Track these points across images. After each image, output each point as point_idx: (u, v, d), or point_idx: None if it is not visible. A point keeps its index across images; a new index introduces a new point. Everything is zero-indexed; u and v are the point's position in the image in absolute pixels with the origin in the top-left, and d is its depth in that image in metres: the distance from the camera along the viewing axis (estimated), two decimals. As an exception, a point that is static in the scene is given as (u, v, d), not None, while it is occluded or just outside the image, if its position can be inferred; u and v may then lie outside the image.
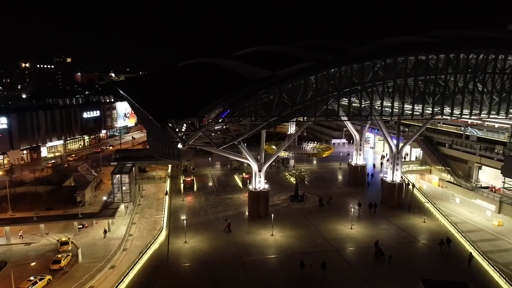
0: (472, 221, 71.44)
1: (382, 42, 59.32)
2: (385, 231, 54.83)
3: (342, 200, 67.48)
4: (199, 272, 42.98)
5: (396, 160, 63.64)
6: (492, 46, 53.57)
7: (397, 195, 64.52)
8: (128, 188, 69.01)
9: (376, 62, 50.94)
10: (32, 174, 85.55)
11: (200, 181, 79.77)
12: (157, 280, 41.13)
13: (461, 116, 59.92)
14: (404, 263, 45.54)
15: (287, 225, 56.24)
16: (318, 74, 49.74)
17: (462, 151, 78.66)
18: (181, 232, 52.80)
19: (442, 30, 70.22)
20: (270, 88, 47.81)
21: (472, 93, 55.60)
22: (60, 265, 48.70)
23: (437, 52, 52.38)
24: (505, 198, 66.12)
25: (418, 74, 53.91)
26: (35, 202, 67.02)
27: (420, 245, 50.81)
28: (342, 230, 54.65)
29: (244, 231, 54.09)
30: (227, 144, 50.08)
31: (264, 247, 49.38)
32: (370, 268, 44.24)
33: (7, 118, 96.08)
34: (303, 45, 72.37)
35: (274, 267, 44.78)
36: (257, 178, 58.48)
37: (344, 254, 47.69)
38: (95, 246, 56.08)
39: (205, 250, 48.27)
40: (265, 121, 49.89)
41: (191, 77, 63.05)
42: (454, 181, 77.92)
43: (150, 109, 51.37)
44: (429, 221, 58.39)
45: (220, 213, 61.45)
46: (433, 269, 44.16)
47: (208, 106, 47.84)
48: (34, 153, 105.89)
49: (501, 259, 56.22)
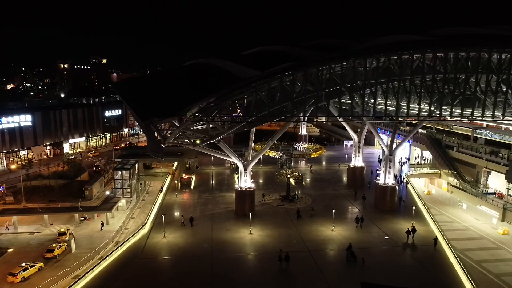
0: (475, 229, 68.15)
1: (379, 40, 58.25)
2: (367, 234, 53.83)
3: (335, 202, 66.71)
4: (165, 266, 44.82)
5: (389, 162, 62.02)
6: (485, 43, 50.98)
7: (389, 198, 62.88)
8: (129, 184, 72.40)
9: (357, 62, 50.10)
10: (50, 168, 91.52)
11: (200, 179, 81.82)
12: (126, 271, 43.21)
13: (450, 117, 57.39)
14: (376, 268, 44.60)
15: (269, 224, 56.72)
16: (296, 74, 49.77)
17: (469, 154, 75.21)
18: (168, 227, 54.98)
19: (448, 28, 67.50)
20: (244, 88, 48.56)
21: (463, 92, 53.19)
22: (54, 254, 51.65)
23: (421, 51, 50.63)
24: (509, 205, 62.55)
25: (405, 74, 52.37)
26: (48, 194, 71.62)
27: (399, 250, 49.48)
28: (323, 232, 54.30)
29: (225, 228, 55.22)
30: (205, 143, 51.39)
31: (239, 244, 50.25)
32: (337, 271, 43.83)
33: (31, 116, 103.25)
34: (308, 45, 72.40)
35: (241, 264, 45.53)
36: (243, 177, 59.36)
37: (316, 255, 47.45)
38: (91, 237, 59.11)
39: (181, 245, 49.93)
40: (244, 121, 50.66)
41: (186, 77, 65.05)
42: (460, 186, 74.62)
43: (135, 108, 53.79)
44: (419, 226, 56.44)
45: (208, 210, 63.05)
46: (402, 275, 43.02)
47: (188, 107, 49.42)
48: (57, 149, 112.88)
49: (495, 269, 53.51)
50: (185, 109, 49.24)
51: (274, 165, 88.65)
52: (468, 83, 54.30)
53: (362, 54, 49.80)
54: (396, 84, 54.35)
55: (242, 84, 48.27)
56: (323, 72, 51.10)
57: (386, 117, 59.44)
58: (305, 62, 49.79)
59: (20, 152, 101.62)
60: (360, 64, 51.40)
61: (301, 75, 50.86)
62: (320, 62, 49.47)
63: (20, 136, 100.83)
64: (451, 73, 52.27)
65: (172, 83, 61.89)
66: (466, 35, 57.00)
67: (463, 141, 77.66)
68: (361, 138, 73.50)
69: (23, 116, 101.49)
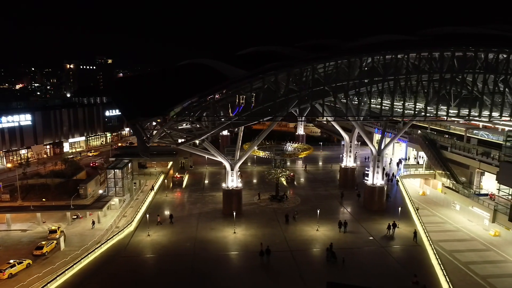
0: (467, 230, 67.70)
1: (364, 40, 58.15)
2: (352, 234, 53.66)
3: (324, 203, 66.60)
4: (145, 263, 45.34)
5: (377, 162, 61.74)
6: (470, 43, 50.50)
7: (377, 198, 62.60)
8: (121, 183, 73.30)
9: (339, 62, 50.00)
10: (47, 167, 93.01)
11: (193, 178, 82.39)
12: (106, 269, 43.81)
13: (446, 117, 56.97)
14: (355, 268, 44.47)
15: (255, 224, 56.92)
16: (278, 75, 49.90)
17: (462, 155, 74.51)
18: (151, 226, 55.56)
19: (440, 28, 66.94)
20: (225, 89, 48.86)
21: (450, 93, 52.76)
22: (42, 251, 52.62)
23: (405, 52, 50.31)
24: (500, 207, 61.91)
25: (390, 74, 52.13)
26: (44, 193, 72.86)
27: (382, 251, 49.21)
28: (307, 232, 54.29)
29: (210, 227, 55.57)
30: (188, 142, 51.79)
31: (222, 243, 50.54)
32: (315, 270, 43.78)
33: (31, 115, 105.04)
34: (304, 45, 72.43)
35: (221, 263, 45.69)
36: (230, 176, 59.66)
37: (297, 255, 47.50)
38: (82, 235, 60.09)
39: (164, 243, 50.42)
40: (227, 121, 50.97)
41: (176, 77, 65.54)
42: (453, 186, 74.01)
43: (122, 108, 54.43)
44: (405, 227, 56.14)
45: (196, 209, 63.52)
46: (380, 275, 42.79)
47: (172, 107, 49.87)
48: (57, 148, 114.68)
49: (482, 271, 53.23)
50: (169, 109, 49.73)
51: (269, 164, 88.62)
52: (462, 83, 53.83)
53: (345, 54, 49.69)
54: (385, 84, 54.28)
55: (224, 84, 48.56)
56: (308, 72, 51.11)
57: (377, 117, 59.26)
58: (288, 62, 49.84)
59: (20, 151, 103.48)
60: (345, 65, 51.32)
61: (285, 75, 50.95)
62: (303, 62, 49.50)
63: (20, 135, 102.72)
64: (437, 72, 51.85)
65: (162, 83, 62.34)
66: (452, 35, 56.57)
67: (456, 142, 76.95)
68: (352, 138, 73.18)
69: (23, 116, 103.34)
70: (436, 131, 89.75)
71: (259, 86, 51.16)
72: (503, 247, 60.44)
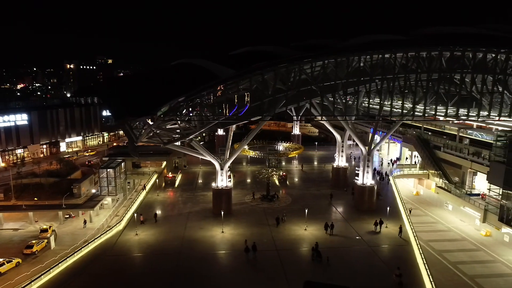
0: (458, 230, 67.67)
1: (356, 40, 58.13)
2: (340, 234, 53.59)
3: (315, 202, 66.65)
4: (131, 262, 45.54)
5: (367, 162, 61.71)
6: (457, 43, 50.44)
7: (367, 198, 62.56)
8: (114, 182, 73.57)
9: (326, 62, 50.05)
10: (41, 167, 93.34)
11: (186, 178, 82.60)
12: (91, 267, 44.04)
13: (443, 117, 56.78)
14: (340, 267, 44.49)
15: (243, 223, 57.03)
16: (266, 75, 50.00)
17: (455, 155, 74.42)
18: (139, 225, 55.86)
19: (431, 27, 66.88)
20: (211, 89, 48.99)
21: (437, 92, 52.68)
22: (32, 250, 52.70)
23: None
24: (490, 207, 61.83)
25: (376, 74, 52.14)
26: (38, 192, 73.20)
27: (368, 250, 49.20)
28: (295, 231, 54.35)
29: (199, 227, 55.73)
30: (175, 142, 51.92)
31: (209, 243, 50.69)
32: (300, 269, 43.79)
33: (28, 115, 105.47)
34: (299, 45, 72.50)
35: (205, 262, 45.71)
36: (219, 176, 59.78)
37: (283, 254, 47.57)
38: (74, 234, 60.23)
39: (151, 242, 50.62)
40: (214, 120, 51.11)
41: (166, 77, 65.73)
42: (445, 186, 73.97)
43: (111, 107, 54.62)
44: (394, 226, 56.04)
45: (186, 208, 63.71)
46: (365, 274, 42.81)
47: (159, 107, 50.04)
48: (54, 148, 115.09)
49: (470, 271, 53.29)
50: (156, 108, 49.90)
51: (263, 164, 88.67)
52: (450, 82, 53.81)
53: (331, 54, 49.70)
54: (373, 84, 54.29)
55: (209, 84, 48.69)
56: (295, 72, 51.15)
57: (365, 116, 59.24)
58: (273, 62, 49.91)
59: (16, 151, 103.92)
60: (332, 64, 51.34)
61: (273, 75, 51.03)
62: (289, 62, 49.57)
63: (16, 134, 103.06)
64: (424, 72, 51.81)
65: (152, 83, 62.51)
66: (442, 35, 56.49)
67: (448, 142, 76.80)
68: (344, 138, 73.18)
69: (19, 115, 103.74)
70: (430, 131, 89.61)
71: (246, 86, 51.27)
72: (493, 247, 60.38)
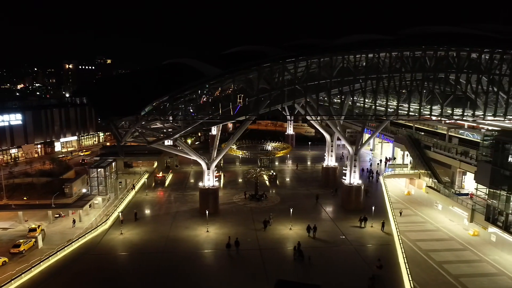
0: (447, 230, 67.71)
1: (343, 40, 58.27)
2: (324, 233, 53.66)
3: (303, 202, 66.69)
4: (113, 261, 45.70)
5: (354, 162, 61.75)
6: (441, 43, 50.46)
7: (354, 198, 62.60)
8: (105, 182, 73.84)
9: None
10: (34, 167, 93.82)
11: (177, 177, 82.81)
12: (73, 266, 44.26)
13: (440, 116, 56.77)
14: (321, 266, 44.47)
15: (229, 222, 57.15)
16: (250, 75, 50.15)
17: (444, 155, 74.43)
18: (127, 224, 56.19)
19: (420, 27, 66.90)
20: (193, 89, 49.19)
21: (421, 93, 52.74)
22: (20, 249, 53.03)
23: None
24: (477, 206, 61.82)
25: (361, 74, 52.25)
26: (30, 192, 73.59)
27: (351, 249, 49.23)
28: (280, 231, 54.43)
29: (184, 226, 55.91)
30: (159, 141, 52.13)
31: (193, 242, 50.82)
32: (280, 268, 43.76)
33: (22, 114, 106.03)
34: (290, 45, 72.80)
35: (187, 261, 45.83)
36: (206, 175, 59.96)
37: (266, 253, 47.67)
38: (62, 234, 60.57)
39: (135, 241, 50.83)
40: (198, 120, 51.31)
41: (154, 77, 65.95)
42: (434, 186, 73.97)
43: (97, 107, 54.91)
44: (380, 226, 56.06)
45: (174, 208, 63.93)
46: (344, 274, 42.83)
47: (145, 106, 50.32)
48: (48, 148, 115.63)
49: (455, 271, 53.42)
50: (141, 108, 50.16)
51: (255, 164, 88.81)
52: (434, 81, 53.92)
53: (314, 54, 49.82)
54: (357, 83, 54.46)
55: (191, 84, 48.88)
56: (279, 71, 51.28)
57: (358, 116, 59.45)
58: (257, 62, 50.08)
59: (10, 150, 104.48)
60: (316, 64, 51.45)
61: (256, 75, 51.17)
62: (272, 62, 49.71)
63: (11, 134, 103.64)
64: (409, 72, 51.86)
65: (140, 83, 62.73)
66: (429, 34, 56.48)
67: (438, 141, 76.78)
68: (334, 138, 73.20)
69: (14, 115, 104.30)
70: (422, 131, 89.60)
71: (230, 85, 51.45)
72: (480, 247, 60.39)
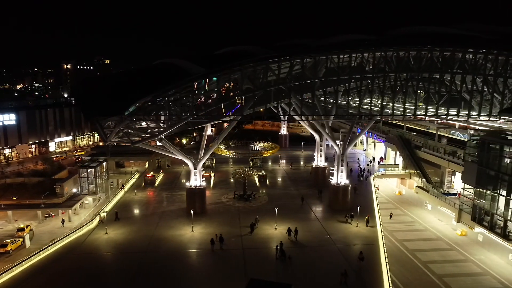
0: (435, 230, 67.76)
1: (328, 40, 58.45)
2: (309, 233, 53.74)
3: (291, 202, 66.76)
4: (95, 261, 45.81)
5: (341, 162, 61.83)
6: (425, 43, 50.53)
7: (341, 198, 62.67)
8: (95, 182, 74.13)
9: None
10: (25, 167, 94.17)
11: (168, 177, 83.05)
12: (55, 266, 44.47)
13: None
14: (301, 266, 44.51)
15: (215, 222, 57.27)
16: (233, 75, 50.31)
17: (433, 155, 74.44)
18: (113, 223, 56.53)
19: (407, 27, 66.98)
20: (176, 89, 49.38)
21: (406, 92, 52.81)
22: (6, 249, 53.25)
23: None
24: (465, 206, 61.87)
25: (344, 74, 52.34)
26: (21, 192, 73.89)
27: (335, 249, 49.30)
28: (265, 230, 54.51)
29: (170, 226, 56.09)
30: (143, 141, 52.33)
31: (177, 242, 50.93)
32: (261, 267, 43.92)
33: (16, 114, 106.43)
34: (282, 45, 73.05)
35: (168, 260, 45.90)
36: (193, 175, 60.14)
37: (248, 253, 47.80)
38: (51, 233, 60.88)
39: (119, 241, 51.00)
40: (182, 120, 51.48)
41: (143, 77, 66.13)
42: (424, 186, 74.04)
43: (83, 107, 55.15)
44: (365, 226, 56.11)
45: (161, 208, 64.14)
46: (322, 273, 42.87)
47: (129, 106, 50.51)
48: (43, 148, 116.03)
49: (439, 270, 53.52)
50: (125, 108, 50.36)
51: (247, 164, 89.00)
52: (418, 82, 54.02)
53: (298, 54, 49.97)
54: (345, 85, 54.58)
55: (174, 85, 49.07)
56: (263, 71, 51.44)
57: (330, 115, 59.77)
58: (241, 62, 50.25)
59: (4, 150, 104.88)
60: (300, 64, 51.62)
61: (240, 75, 51.36)
62: (255, 62, 49.87)
63: (4, 134, 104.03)
64: (393, 72, 51.94)
65: (126, 83, 62.93)
66: (414, 34, 56.56)
67: (428, 141, 76.78)
68: (323, 138, 73.27)
69: (7, 115, 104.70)
70: (413, 131, 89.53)
71: (214, 86, 51.62)
72: (467, 247, 60.44)
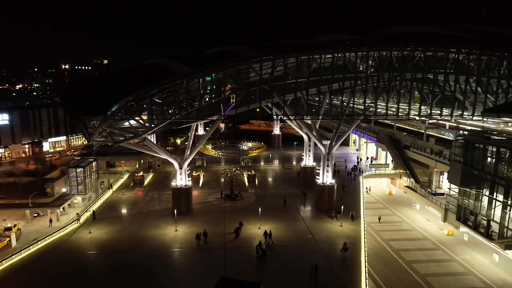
0: (422, 229, 67.80)
1: (314, 40, 58.60)
2: (292, 232, 53.88)
3: (278, 201, 66.83)
4: (76, 260, 45.99)
5: (327, 161, 61.91)
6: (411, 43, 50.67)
7: (327, 197, 62.74)
8: (84, 181, 74.31)
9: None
10: (19, 166, 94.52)
11: (158, 177, 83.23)
12: (35, 265, 44.69)
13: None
14: (279, 265, 44.63)
15: (200, 222, 57.40)
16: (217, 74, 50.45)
17: (421, 154, 74.48)
18: (97, 223, 56.79)
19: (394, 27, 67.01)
20: (158, 89, 49.55)
21: (389, 92, 52.90)
22: (-8, 248, 53.83)
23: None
24: (450, 206, 61.87)
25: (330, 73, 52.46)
26: (12, 191, 74.10)
27: (316, 248, 49.34)
28: (248, 230, 54.56)
29: (154, 225, 56.25)
30: (126, 141, 52.49)
31: (159, 241, 51.08)
32: (240, 266, 44.04)
33: (9, 114, 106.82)
34: (273, 45, 73.16)
35: (149, 259, 46.05)
36: (178, 175, 60.31)
37: (229, 252, 47.94)
38: (39, 233, 60.73)
39: (102, 240, 51.19)
40: (165, 120, 51.65)
41: (129, 77, 66.37)
42: (412, 186, 74.05)
43: (67, 107, 55.34)
44: (349, 226, 56.19)
45: (147, 207, 64.30)
46: (299, 272, 42.81)
47: (112, 106, 50.65)
48: (37, 148, 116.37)
49: (423, 270, 53.64)
50: (108, 107, 50.50)
51: (238, 164, 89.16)
52: (401, 81, 54.11)
53: (281, 53, 50.10)
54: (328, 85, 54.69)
55: (156, 85, 49.23)
56: (245, 71, 51.60)
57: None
58: (222, 62, 50.43)
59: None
60: (281, 64, 51.76)
61: (223, 75, 51.53)
62: (237, 62, 50.03)
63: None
64: (375, 72, 52.03)
65: (112, 83, 63.19)
66: (400, 34, 56.68)
67: (417, 141, 76.79)
68: (311, 138, 73.27)
69: (0, 115, 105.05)
70: (404, 131, 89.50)
71: (197, 86, 51.77)
72: (452, 246, 60.51)
